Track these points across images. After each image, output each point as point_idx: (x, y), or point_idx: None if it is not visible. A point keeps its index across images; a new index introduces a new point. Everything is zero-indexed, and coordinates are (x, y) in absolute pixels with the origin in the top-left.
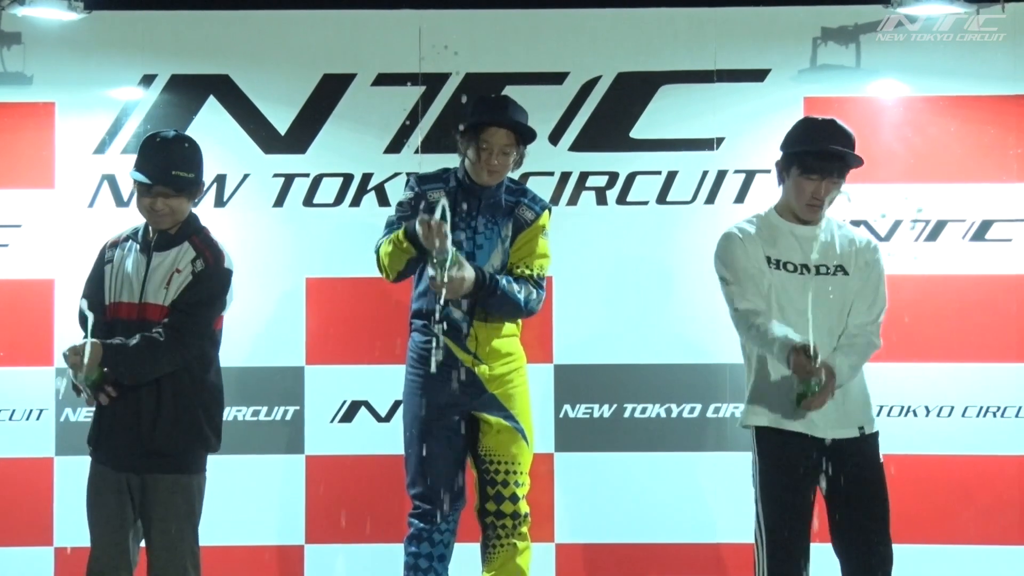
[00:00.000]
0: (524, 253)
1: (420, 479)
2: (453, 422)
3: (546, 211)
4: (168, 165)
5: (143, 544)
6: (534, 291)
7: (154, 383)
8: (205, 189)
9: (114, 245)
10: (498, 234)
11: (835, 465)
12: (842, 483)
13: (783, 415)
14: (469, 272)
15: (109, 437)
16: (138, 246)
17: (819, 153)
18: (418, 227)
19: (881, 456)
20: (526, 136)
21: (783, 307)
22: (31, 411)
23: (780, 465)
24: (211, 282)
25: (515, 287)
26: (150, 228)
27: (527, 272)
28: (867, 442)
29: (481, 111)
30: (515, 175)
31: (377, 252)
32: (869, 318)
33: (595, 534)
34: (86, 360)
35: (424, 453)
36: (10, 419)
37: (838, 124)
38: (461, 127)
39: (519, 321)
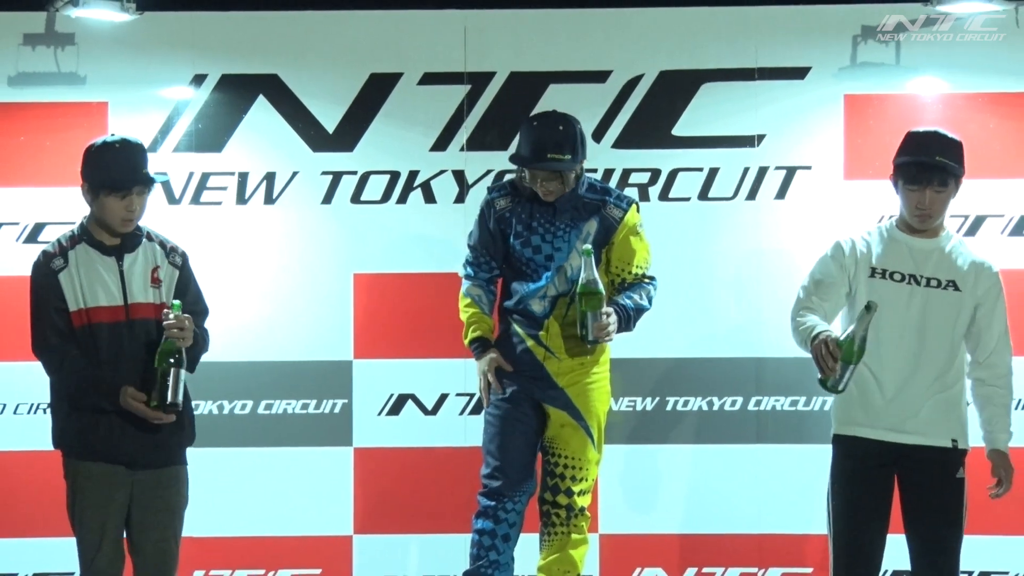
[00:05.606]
0: (624, 257)
1: (491, 459)
2: (527, 409)
3: (633, 206)
4: (138, 165)
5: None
6: (650, 287)
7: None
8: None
9: (56, 255)
10: (578, 235)
11: (913, 473)
12: (918, 492)
13: (860, 420)
14: (614, 318)
15: (120, 435)
16: (95, 250)
17: (916, 164)
18: (480, 372)
19: (963, 472)
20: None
21: (883, 316)
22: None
23: (854, 475)
24: (192, 271)
25: (638, 297)
26: (96, 232)
27: (636, 273)
28: (954, 457)
29: (532, 149)
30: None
31: (462, 293)
32: (1004, 368)
33: (637, 525)
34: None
35: (497, 434)
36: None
37: (940, 134)
38: (513, 155)
39: None
